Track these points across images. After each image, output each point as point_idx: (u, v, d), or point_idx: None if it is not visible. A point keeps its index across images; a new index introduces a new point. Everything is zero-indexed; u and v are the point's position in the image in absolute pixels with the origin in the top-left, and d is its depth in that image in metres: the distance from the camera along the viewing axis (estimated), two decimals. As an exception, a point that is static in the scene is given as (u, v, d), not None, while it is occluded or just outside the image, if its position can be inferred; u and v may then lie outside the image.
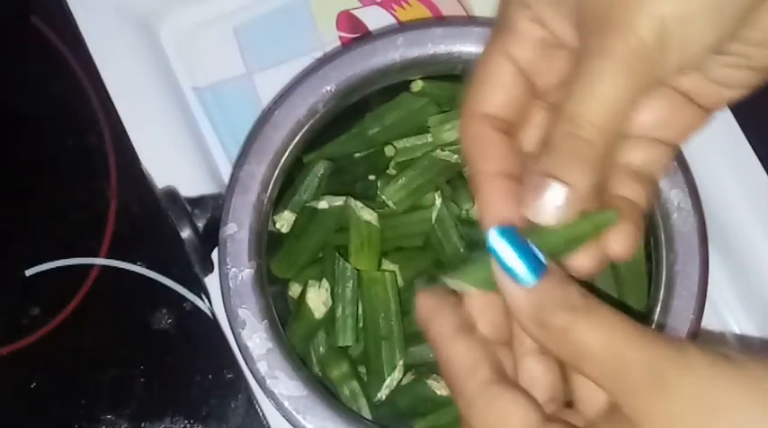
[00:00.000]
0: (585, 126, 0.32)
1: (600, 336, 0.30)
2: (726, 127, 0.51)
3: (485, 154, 0.36)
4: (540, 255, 0.32)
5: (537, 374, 0.34)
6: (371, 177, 0.50)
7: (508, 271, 0.32)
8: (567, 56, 0.35)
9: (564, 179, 0.32)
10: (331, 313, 0.46)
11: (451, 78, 0.47)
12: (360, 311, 0.46)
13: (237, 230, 0.43)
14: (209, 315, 0.47)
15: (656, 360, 0.29)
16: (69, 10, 0.50)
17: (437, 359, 0.34)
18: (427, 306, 0.34)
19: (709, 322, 0.53)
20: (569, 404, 0.35)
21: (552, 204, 0.32)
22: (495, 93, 0.36)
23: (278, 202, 0.47)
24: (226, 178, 0.52)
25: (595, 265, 0.34)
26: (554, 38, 0.35)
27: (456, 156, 0.48)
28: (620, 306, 0.46)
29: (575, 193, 0.32)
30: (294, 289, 0.48)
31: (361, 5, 0.56)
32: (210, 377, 0.47)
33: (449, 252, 0.46)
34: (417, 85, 0.48)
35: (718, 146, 0.51)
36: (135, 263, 0.48)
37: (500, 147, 0.36)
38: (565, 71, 0.35)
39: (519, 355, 0.35)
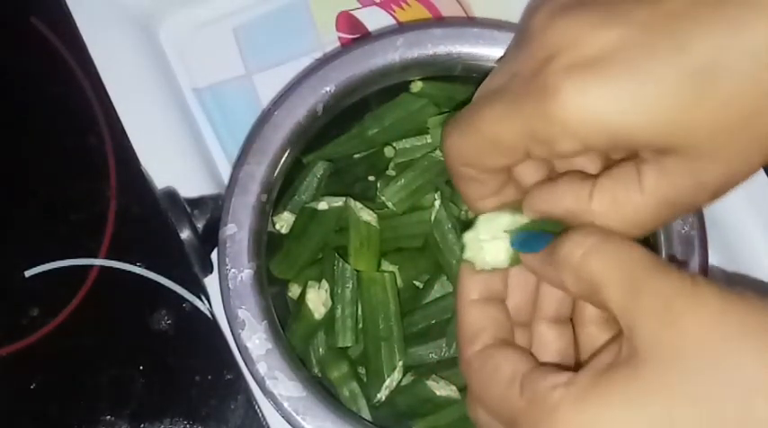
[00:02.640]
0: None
1: (615, 264, 0.31)
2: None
3: (479, 192, 0.37)
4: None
5: (549, 339, 0.37)
6: (371, 178, 0.50)
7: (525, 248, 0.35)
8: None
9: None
10: (330, 314, 0.46)
11: (451, 79, 0.47)
12: (359, 312, 0.46)
13: (237, 231, 0.43)
14: (209, 315, 0.47)
15: (669, 291, 0.29)
16: (69, 11, 0.50)
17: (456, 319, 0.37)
18: (465, 271, 0.37)
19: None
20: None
21: None
22: (500, 165, 0.35)
23: (277, 203, 0.47)
24: (225, 179, 0.52)
25: None
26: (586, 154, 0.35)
27: (455, 156, 0.48)
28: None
29: None
30: (294, 290, 0.48)
31: (360, 6, 0.56)
32: (210, 377, 0.47)
33: (446, 253, 0.46)
34: (417, 86, 0.48)
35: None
36: (134, 264, 0.48)
37: (494, 182, 0.37)
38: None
39: (535, 321, 0.37)
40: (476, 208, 0.38)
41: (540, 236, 0.34)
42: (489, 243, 0.36)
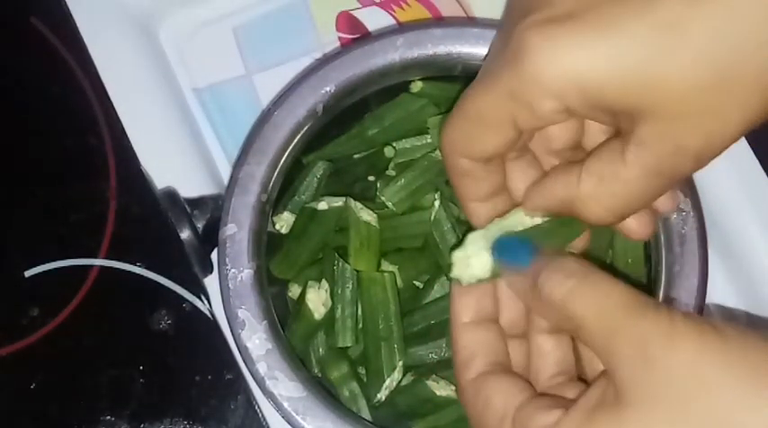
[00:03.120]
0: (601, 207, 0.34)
1: (593, 305, 0.31)
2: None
3: (474, 189, 0.38)
4: (532, 244, 0.35)
5: (547, 349, 0.37)
6: (371, 178, 0.50)
7: (507, 259, 0.35)
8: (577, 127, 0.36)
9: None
10: (330, 314, 0.46)
11: (451, 79, 0.47)
12: (359, 312, 0.46)
13: (237, 231, 0.43)
14: (209, 315, 0.47)
15: (645, 333, 0.29)
16: (69, 11, 0.50)
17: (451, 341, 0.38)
18: (456, 291, 0.38)
19: (709, 323, 0.53)
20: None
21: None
22: (489, 150, 0.35)
23: (277, 203, 0.47)
24: (225, 179, 0.52)
25: (650, 225, 0.38)
26: (572, 126, 0.35)
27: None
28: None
29: None
30: (294, 290, 0.48)
31: (360, 6, 0.56)
32: (210, 378, 0.47)
33: (446, 253, 0.46)
34: (417, 86, 0.48)
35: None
36: (134, 264, 0.48)
37: (488, 181, 0.37)
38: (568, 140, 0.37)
39: (533, 334, 0.37)
40: (470, 211, 0.38)
41: (520, 245, 0.35)
42: (475, 257, 0.37)
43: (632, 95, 0.31)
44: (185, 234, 0.47)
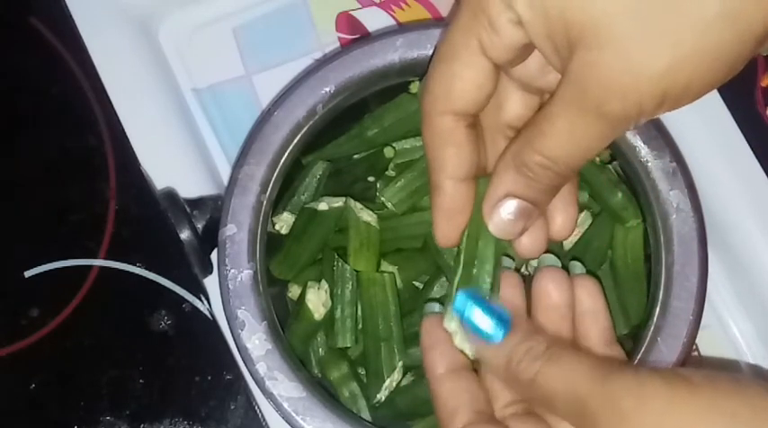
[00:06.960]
0: (550, 162, 0.34)
1: (562, 380, 0.33)
2: (724, 128, 0.51)
3: (455, 159, 0.38)
4: (504, 312, 0.37)
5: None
6: (371, 178, 0.49)
7: (477, 331, 0.37)
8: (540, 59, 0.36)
9: (524, 199, 0.36)
10: (330, 314, 0.46)
11: (451, 79, 0.47)
12: (359, 312, 0.46)
13: (237, 231, 0.43)
14: (209, 316, 0.47)
15: (614, 393, 0.31)
16: (69, 11, 0.50)
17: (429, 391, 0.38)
18: (428, 338, 0.39)
19: (709, 323, 0.53)
20: None
21: (509, 220, 0.37)
22: (469, 91, 0.36)
23: (277, 204, 0.47)
24: (225, 179, 0.52)
25: (540, 246, 0.39)
26: (531, 43, 0.35)
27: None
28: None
29: (532, 210, 0.37)
30: (293, 291, 0.48)
31: (360, 7, 0.56)
32: (210, 378, 0.47)
33: (446, 254, 0.46)
34: (416, 86, 0.48)
35: (717, 147, 0.51)
36: (134, 265, 0.48)
37: (466, 148, 0.37)
38: (535, 71, 0.37)
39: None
40: (445, 190, 0.38)
41: (491, 320, 0.36)
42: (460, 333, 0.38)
43: (570, 17, 0.31)
44: (185, 234, 0.47)
